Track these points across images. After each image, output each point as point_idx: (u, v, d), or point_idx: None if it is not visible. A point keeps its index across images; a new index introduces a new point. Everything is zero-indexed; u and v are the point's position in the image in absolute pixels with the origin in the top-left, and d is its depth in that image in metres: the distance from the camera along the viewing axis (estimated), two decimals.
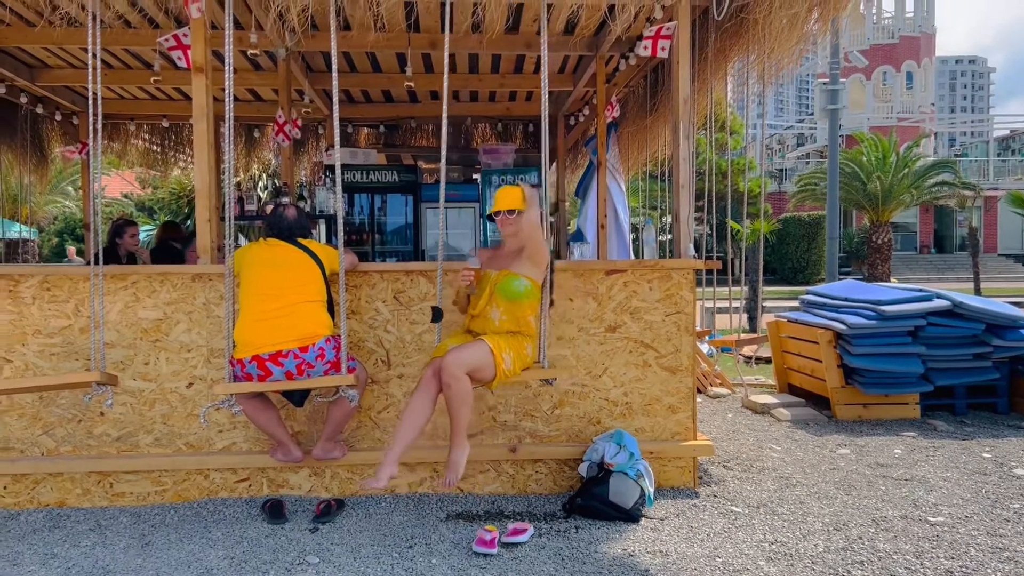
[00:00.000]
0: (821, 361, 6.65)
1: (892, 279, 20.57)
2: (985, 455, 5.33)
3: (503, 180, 8.20)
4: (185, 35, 4.62)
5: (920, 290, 6.86)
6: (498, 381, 3.90)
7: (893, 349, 6.38)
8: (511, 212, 4.04)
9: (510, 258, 4.06)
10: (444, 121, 4.17)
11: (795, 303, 8.19)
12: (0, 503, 4.36)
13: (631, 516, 4.05)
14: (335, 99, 4.08)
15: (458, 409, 3.77)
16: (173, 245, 7.33)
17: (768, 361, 8.67)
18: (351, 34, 5.52)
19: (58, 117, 8.94)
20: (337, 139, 4.08)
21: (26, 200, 11.22)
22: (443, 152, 4.26)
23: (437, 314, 4.09)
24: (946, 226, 40.49)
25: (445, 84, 4.15)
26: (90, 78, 4.04)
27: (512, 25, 6.33)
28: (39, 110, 8.39)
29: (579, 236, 8.37)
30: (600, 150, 7.62)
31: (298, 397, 4.20)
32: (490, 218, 4.21)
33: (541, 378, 4.23)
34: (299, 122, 7.05)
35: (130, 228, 7.00)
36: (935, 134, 44.63)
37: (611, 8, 5.18)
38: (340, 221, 4.14)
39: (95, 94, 4.07)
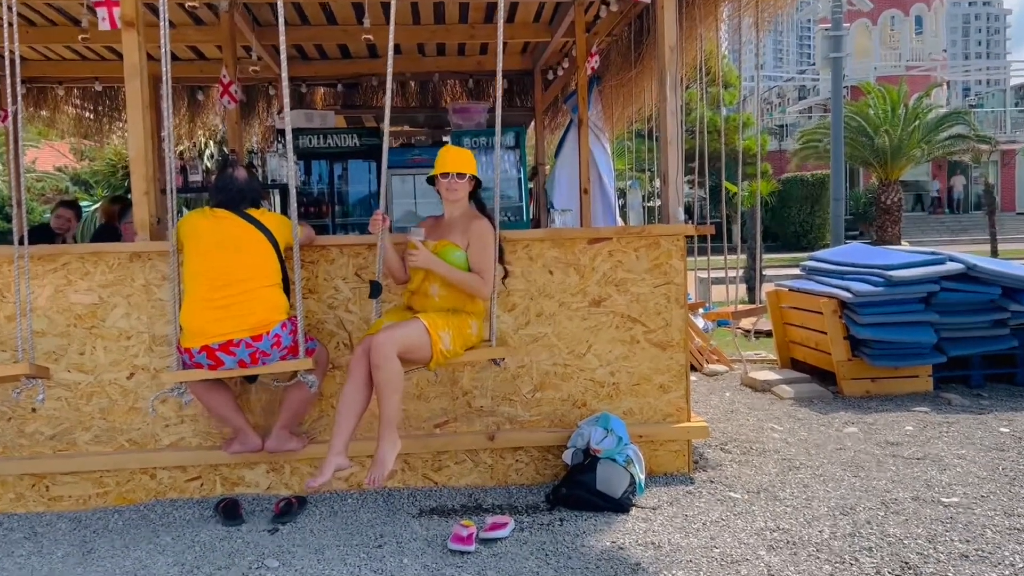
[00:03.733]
0: (826, 333, 6.69)
1: (903, 242, 20.73)
2: (1003, 430, 5.40)
3: (475, 142, 8.12)
4: None
5: (932, 253, 6.89)
6: (435, 362, 3.90)
7: (903, 318, 6.41)
8: (462, 176, 4.04)
9: (450, 228, 4.08)
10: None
11: (797, 271, 8.23)
12: None
13: (620, 506, 4.08)
14: (283, 54, 4.00)
15: (388, 395, 3.74)
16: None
17: (769, 334, 8.70)
18: None
19: None
20: (286, 99, 4.02)
21: None
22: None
23: (375, 289, 4.06)
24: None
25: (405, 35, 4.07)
26: (6, 35, 3.94)
27: None
28: None
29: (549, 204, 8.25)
30: (581, 107, 7.57)
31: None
32: (431, 181, 4.15)
33: (488, 358, 4.21)
34: (232, 86, 6.91)
35: (58, 209, 7.01)
36: (947, 83, 44.82)
37: None
38: (293, 191, 4.07)
39: (13, 54, 3.97)
